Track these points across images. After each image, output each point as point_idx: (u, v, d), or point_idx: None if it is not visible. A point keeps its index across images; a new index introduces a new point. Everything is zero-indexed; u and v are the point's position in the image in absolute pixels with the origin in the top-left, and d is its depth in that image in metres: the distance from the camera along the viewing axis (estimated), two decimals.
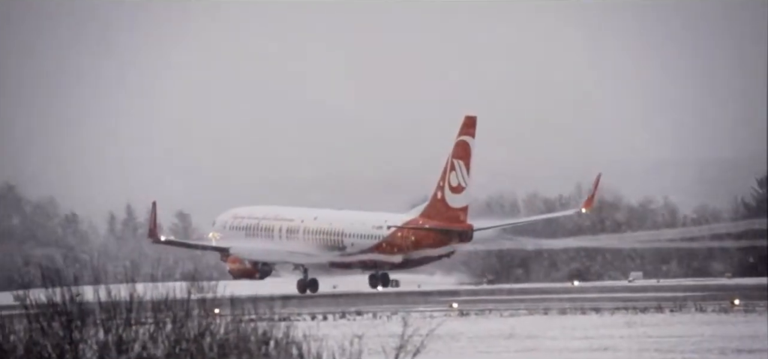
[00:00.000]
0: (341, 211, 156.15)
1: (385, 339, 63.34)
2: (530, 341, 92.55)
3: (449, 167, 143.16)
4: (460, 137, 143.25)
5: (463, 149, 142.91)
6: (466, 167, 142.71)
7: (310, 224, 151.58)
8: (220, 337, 52.57)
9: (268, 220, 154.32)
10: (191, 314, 52.75)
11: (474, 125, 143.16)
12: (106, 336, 52.05)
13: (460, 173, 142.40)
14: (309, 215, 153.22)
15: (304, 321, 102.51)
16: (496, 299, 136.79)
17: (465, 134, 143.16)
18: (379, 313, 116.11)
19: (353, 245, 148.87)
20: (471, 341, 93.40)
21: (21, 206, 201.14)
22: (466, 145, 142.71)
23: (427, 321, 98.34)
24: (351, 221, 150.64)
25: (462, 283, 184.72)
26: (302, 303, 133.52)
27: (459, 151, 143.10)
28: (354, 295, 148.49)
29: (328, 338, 55.91)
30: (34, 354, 51.97)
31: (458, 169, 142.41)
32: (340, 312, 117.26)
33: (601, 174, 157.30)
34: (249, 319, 53.98)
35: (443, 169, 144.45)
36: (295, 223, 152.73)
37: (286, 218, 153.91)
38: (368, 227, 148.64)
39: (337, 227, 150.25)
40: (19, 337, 52.61)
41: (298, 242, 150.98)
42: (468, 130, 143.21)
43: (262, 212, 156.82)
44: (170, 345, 52.03)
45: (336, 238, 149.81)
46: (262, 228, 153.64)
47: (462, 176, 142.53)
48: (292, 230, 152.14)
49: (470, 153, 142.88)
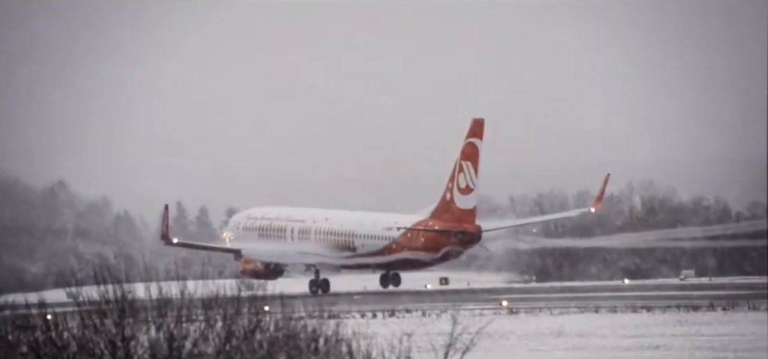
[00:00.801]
0: (352, 212, 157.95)
1: (434, 337, 63.30)
2: (580, 339, 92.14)
3: (458, 169, 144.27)
4: (468, 140, 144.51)
5: (471, 151, 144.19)
6: (474, 168, 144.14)
7: (321, 225, 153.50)
8: (270, 334, 52.77)
9: (281, 221, 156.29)
10: (241, 311, 52.99)
11: (482, 127, 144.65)
12: (158, 333, 52.39)
13: (468, 175, 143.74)
14: (320, 216, 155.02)
15: (354, 319, 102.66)
16: (546, 297, 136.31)
17: (473, 136, 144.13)
18: (429, 311, 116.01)
19: (363, 246, 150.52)
20: (521, 339, 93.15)
21: (74, 204, 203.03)
22: (474, 147, 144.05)
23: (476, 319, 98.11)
24: (361, 223, 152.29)
25: (511, 281, 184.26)
26: (352, 300, 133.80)
27: (467, 153, 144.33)
28: (404, 293, 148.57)
29: (377, 336, 55.94)
30: (87, 350, 52.40)
31: (467, 171, 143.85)
32: (389, 309, 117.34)
33: (610, 174, 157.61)
34: (299, 317, 54.14)
35: (452, 171, 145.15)
36: (306, 224, 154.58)
37: (298, 219, 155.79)
38: (378, 228, 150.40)
39: (347, 228, 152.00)
40: (72, 334, 53.09)
41: (309, 243, 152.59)
42: (476, 132, 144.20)
43: (275, 212, 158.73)
44: (221, 343, 52.30)
45: (347, 239, 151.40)
46: (274, 229, 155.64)
47: (470, 178, 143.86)
48: (303, 231, 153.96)
49: (478, 155, 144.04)
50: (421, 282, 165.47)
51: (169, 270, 58.14)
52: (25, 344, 53.60)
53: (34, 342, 53.15)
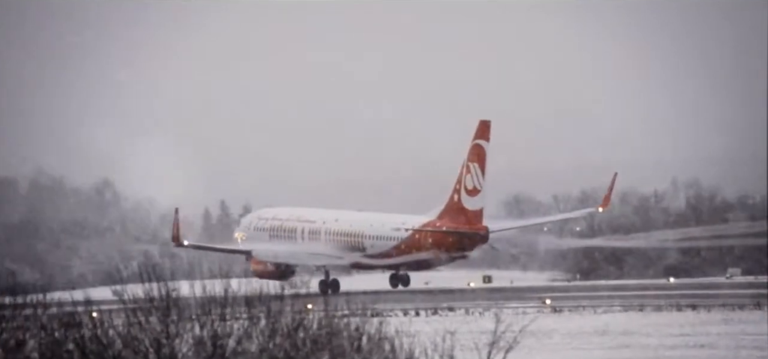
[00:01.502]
0: (361, 213, 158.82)
1: (478, 335, 63.21)
2: (624, 338, 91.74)
3: (465, 171, 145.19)
4: (475, 141, 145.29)
5: (478, 153, 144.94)
6: (481, 170, 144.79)
7: (331, 226, 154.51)
8: (313, 332, 52.90)
9: (291, 221, 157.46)
10: (284, 309, 53.17)
11: (488, 129, 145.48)
12: (202, 331, 52.66)
13: (475, 176, 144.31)
14: (330, 217, 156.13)
15: (396, 317, 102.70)
16: (589, 295, 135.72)
17: (480, 137, 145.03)
18: (472, 309, 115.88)
19: (373, 246, 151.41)
20: (564, 338, 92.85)
21: (120, 203, 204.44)
22: (481, 149, 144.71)
23: (519, 317, 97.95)
24: (371, 223, 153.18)
25: (555, 279, 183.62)
26: (396, 298, 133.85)
27: (474, 154, 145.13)
28: (447, 291, 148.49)
29: (420, 334, 55.97)
30: (132, 348, 52.76)
31: (474, 172, 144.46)
32: (432, 307, 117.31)
33: (617, 173, 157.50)
34: (342, 314, 54.26)
35: (459, 172, 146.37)
36: (316, 224, 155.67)
37: (308, 219, 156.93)
38: (387, 228, 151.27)
39: (357, 228, 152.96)
40: (118, 331, 53.49)
41: (319, 243, 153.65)
42: (483, 134, 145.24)
43: (285, 213, 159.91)
44: (264, 340, 52.49)
45: (356, 239, 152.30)
46: (285, 230, 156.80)
47: (477, 179, 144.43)
48: (314, 232, 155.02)
49: (485, 157, 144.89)
50: (464, 280, 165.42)
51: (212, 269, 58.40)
52: (71, 341, 54.07)
53: (81, 340, 53.60)
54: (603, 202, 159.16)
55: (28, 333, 56.10)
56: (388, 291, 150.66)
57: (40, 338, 55.42)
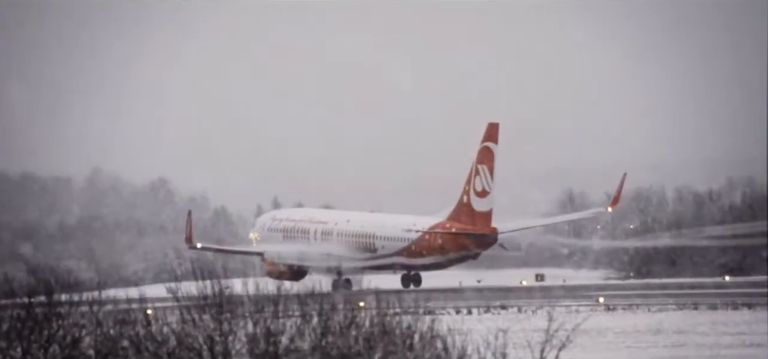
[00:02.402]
0: (372, 214, 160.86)
1: (530, 333, 62.98)
2: (679, 337, 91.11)
3: (474, 172, 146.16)
4: (484, 144, 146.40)
5: (486, 155, 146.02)
6: (490, 172, 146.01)
7: (343, 227, 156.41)
8: (365, 330, 52.99)
9: (304, 222, 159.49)
10: (337, 307, 53.32)
11: (497, 131, 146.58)
12: (255, 328, 52.92)
13: (484, 178, 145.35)
14: (342, 218, 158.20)
15: (449, 315, 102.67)
16: (643, 293, 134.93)
17: (488, 140, 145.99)
18: (524, 308, 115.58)
19: (384, 247, 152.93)
20: (618, 336, 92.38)
21: (173, 200, 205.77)
22: (490, 151, 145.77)
23: (572, 315, 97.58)
24: (382, 224, 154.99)
25: (608, 277, 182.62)
26: (448, 296, 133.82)
27: (483, 157, 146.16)
28: (499, 289, 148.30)
29: (472, 332, 55.87)
30: (186, 345, 53.11)
31: (483, 174, 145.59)
32: (484, 306, 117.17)
33: (626, 174, 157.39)
34: (394, 312, 54.29)
35: (468, 174, 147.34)
36: (329, 225, 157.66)
37: (320, 220, 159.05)
38: (398, 230, 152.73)
39: (368, 229, 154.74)
40: (172, 328, 53.88)
41: (332, 244, 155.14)
42: (491, 136, 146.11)
43: (299, 214, 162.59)
44: (317, 338, 52.64)
45: (368, 240, 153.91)
46: (298, 230, 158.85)
47: (486, 181, 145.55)
48: (326, 233, 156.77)
49: (494, 159, 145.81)
50: (516, 278, 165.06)
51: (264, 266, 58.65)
52: (126, 338, 54.53)
53: (135, 337, 54.05)
54: (612, 202, 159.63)
55: (84, 330, 56.65)
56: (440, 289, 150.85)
57: (96, 335, 55.96)
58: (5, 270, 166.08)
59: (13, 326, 56.20)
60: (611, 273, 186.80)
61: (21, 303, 57.86)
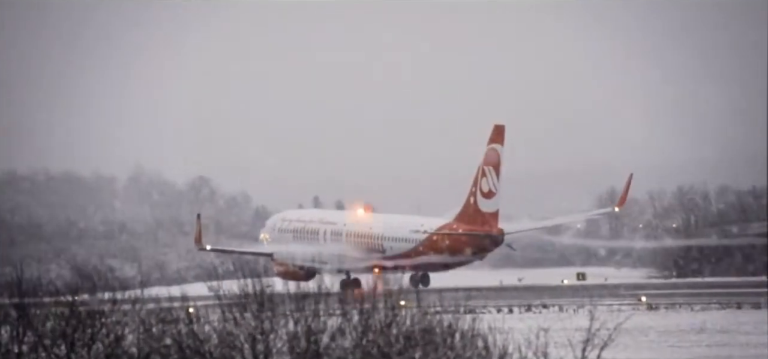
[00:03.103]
0: (381, 215, 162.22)
1: (572, 332, 62.78)
2: (723, 336, 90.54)
3: (480, 174, 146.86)
4: (490, 145, 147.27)
5: (493, 157, 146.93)
6: (496, 173, 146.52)
7: (352, 228, 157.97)
8: (406, 329, 53.00)
9: (314, 223, 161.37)
10: (377, 306, 53.35)
11: (503, 133, 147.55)
12: (296, 327, 53.04)
13: (490, 180, 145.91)
14: (351, 219, 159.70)
15: (490, 314, 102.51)
16: (686, 293, 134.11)
17: (494, 142, 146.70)
18: (566, 306, 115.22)
19: (392, 248, 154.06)
20: (661, 335, 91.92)
21: (215, 199, 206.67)
22: (496, 153, 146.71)
23: (614, 314, 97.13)
24: (390, 225, 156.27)
25: (650, 276, 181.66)
26: (489, 295, 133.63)
27: (489, 158, 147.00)
28: (540, 288, 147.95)
29: (513, 331, 55.74)
30: (227, 343, 53.33)
31: (489, 175, 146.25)
32: (525, 304, 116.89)
33: (633, 174, 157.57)
34: (435, 311, 54.28)
35: (475, 175, 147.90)
36: (338, 226, 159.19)
37: (330, 221, 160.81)
38: (406, 231, 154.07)
39: (377, 230, 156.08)
40: (213, 327, 54.12)
41: (341, 244, 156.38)
42: (497, 138, 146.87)
43: (308, 215, 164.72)
44: (358, 337, 52.71)
45: (376, 241, 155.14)
46: (308, 231, 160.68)
47: (493, 183, 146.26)
48: (335, 233, 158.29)
49: (500, 160, 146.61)
50: (557, 277, 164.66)
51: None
52: (168, 336, 54.82)
53: (177, 335, 54.33)
54: (619, 202, 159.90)
55: (127, 328, 57.00)
56: (481, 288, 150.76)
57: (139, 333, 56.29)
58: (49, 268, 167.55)
59: (57, 324, 56.65)
60: (653, 271, 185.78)
61: (65, 302, 58.32)
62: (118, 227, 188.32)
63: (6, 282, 60.60)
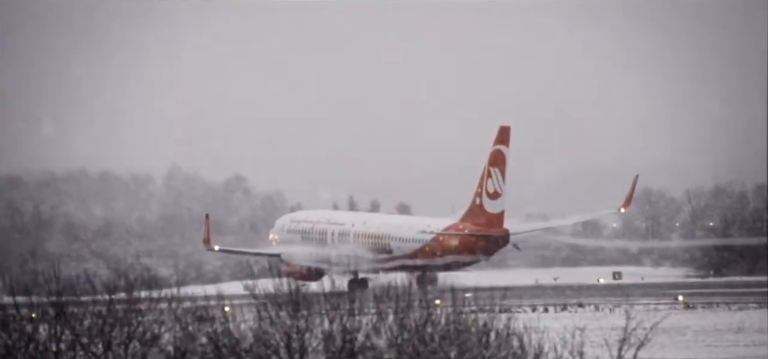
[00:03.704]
0: (388, 216, 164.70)
1: (608, 332, 62.54)
2: (760, 335, 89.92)
3: (486, 175, 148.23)
4: (496, 147, 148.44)
5: (498, 158, 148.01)
6: (501, 174, 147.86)
7: (359, 229, 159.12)
8: (441, 328, 52.97)
9: (322, 224, 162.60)
10: (413, 304, 53.34)
11: (508, 134, 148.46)
12: (331, 326, 53.13)
13: (496, 181, 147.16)
14: (359, 220, 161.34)
15: (525, 313, 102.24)
16: (723, 292, 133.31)
17: (500, 143, 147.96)
18: (602, 306, 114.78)
19: (399, 248, 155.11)
20: (698, 335, 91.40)
21: (250, 198, 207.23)
22: (501, 154, 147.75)
23: (651, 314, 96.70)
24: (397, 226, 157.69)
25: (688, 276, 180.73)
26: (524, 294, 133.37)
27: (495, 159, 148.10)
28: (576, 287, 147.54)
29: (549, 330, 55.59)
30: (263, 342, 53.49)
31: (494, 176, 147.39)
32: (561, 304, 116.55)
33: (638, 176, 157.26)
34: (470, 310, 54.21)
35: (480, 176, 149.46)
36: (346, 227, 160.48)
37: (338, 222, 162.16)
38: (413, 231, 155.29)
39: (384, 231, 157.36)
40: (249, 325, 54.29)
41: (348, 245, 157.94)
42: (503, 139, 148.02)
43: (316, 216, 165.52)
44: (392, 336, 52.73)
45: (383, 242, 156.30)
46: (316, 232, 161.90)
47: (498, 183, 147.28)
48: (343, 234, 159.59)
49: (505, 161, 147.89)
50: (593, 276, 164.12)
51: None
52: (204, 334, 55.04)
53: (213, 333, 54.55)
54: (624, 203, 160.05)
55: (164, 326, 57.29)
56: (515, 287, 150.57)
57: (175, 331, 56.55)
58: (86, 266, 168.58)
59: (94, 322, 57.00)
60: (690, 271, 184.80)
61: (102, 300, 58.67)
62: (155, 227, 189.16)
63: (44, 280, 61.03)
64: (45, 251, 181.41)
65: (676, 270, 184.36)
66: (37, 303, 58.24)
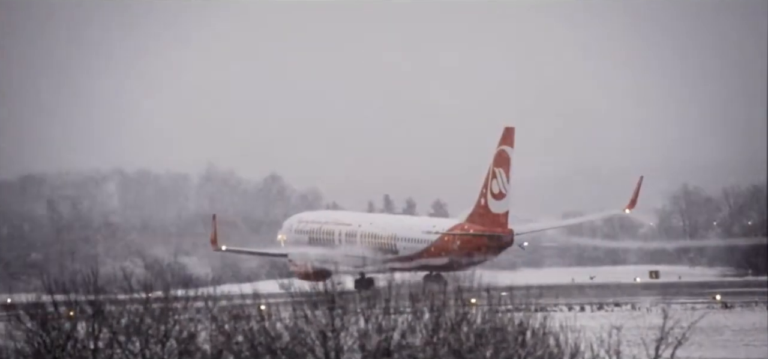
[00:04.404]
0: (394, 216, 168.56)
1: (645, 331, 62.25)
2: None
3: (491, 175, 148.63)
4: (500, 147, 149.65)
5: (503, 159, 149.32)
6: (506, 175, 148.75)
7: (366, 229, 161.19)
8: (476, 327, 52.90)
9: (329, 224, 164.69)
10: (448, 303, 53.31)
11: (512, 135, 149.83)
12: (366, 324, 53.17)
13: (500, 181, 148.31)
14: (365, 220, 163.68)
15: (561, 312, 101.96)
16: (762, 291, 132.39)
17: (504, 144, 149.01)
18: (638, 304, 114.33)
19: (405, 248, 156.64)
20: (736, 334, 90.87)
21: (285, 196, 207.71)
22: (506, 154, 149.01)
23: (688, 313, 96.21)
24: (403, 226, 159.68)
25: (725, 275, 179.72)
26: (560, 293, 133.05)
27: (499, 160, 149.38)
28: (612, 286, 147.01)
29: (585, 329, 55.40)
30: (299, 340, 53.59)
31: (499, 177, 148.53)
32: (597, 303, 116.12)
33: (643, 177, 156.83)
34: (505, 309, 54.11)
35: (485, 177, 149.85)
36: (352, 228, 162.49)
37: (345, 222, 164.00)
38: (418, 232, 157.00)
39: (390, 231, 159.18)
40: (285, 324, 54.41)
41: (355, 246, 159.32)
42: (507, 140, 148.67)
43: (324, 216, 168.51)
44: (428, 334, 52.71)
45: (389, 242, 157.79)
46: (323, 232, 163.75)
47: (502, 184, 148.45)
48: (350, 235, 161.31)
49: (510, 162, 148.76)
50: (630, 275, 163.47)
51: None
52: (240, 333, 55.22)
53: (249, 332, 54.71)
54: (629, 204, 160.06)
55: (200, 324, 57.52)
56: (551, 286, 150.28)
57: (211, 330, 56.76)
58: (123, 265, 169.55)
59: (131, 321, 57.32)
60: (728, 270, 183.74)
61: (139, 299, 59.01)
62: (191, 225, 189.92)
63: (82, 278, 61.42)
64: (83, 249, 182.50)
65: (713, 269, 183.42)
66: (75, 302, 58.64)
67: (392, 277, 55.01)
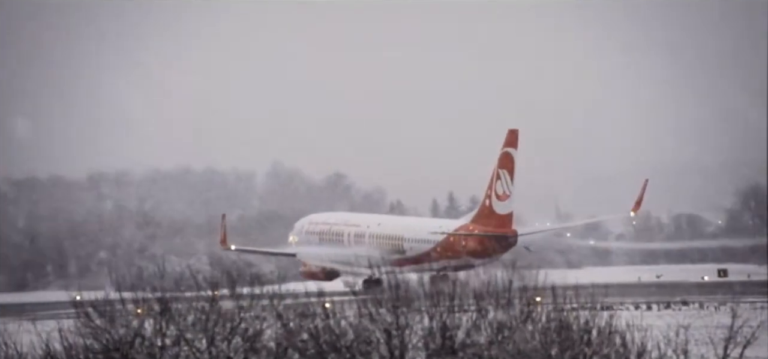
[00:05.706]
0: (402, 217, 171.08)
1: (713, 330, 61.59)
2: None
3: (495, 177, 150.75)
4: (505, 149, 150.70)
5: (507, 160, 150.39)
6: (510, 176, 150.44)
7: (374, 230, 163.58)
8: (542, 325, 52.68)
9: (339, 225, 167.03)
10: (513, 302, 53.14)
11: (516, 137, 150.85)
12: (431, 323, 53.14)
13: (504, 183, 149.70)
14: (374, 221, 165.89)
15: (628, 311, 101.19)
16: None
17: (508, 145, 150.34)
18: (706, 303, 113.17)
19: (412, 249, 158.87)
20: None
21: (350, 194, 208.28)
22: (510, 156, 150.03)
23: (757, 312, 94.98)
24: (410, 227, 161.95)
25: None
26: (625, 292, 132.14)
27: (504, 162, 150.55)
28: (680, 285, 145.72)
29: (652, 328, 54.95)
30: (363, 338, 53.69)
31: (503, 178, 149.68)
32: (664, 302, 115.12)
33: (648, 180, 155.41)
34: (571, 307, 53.82)
35: (490, 178, 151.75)
36: (361, 228, 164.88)
37: (353, 223, 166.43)
38: (425, 232, 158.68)
39: (397, 232, 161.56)
40: (349, 322, 54.54)
41: (364, 246, 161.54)
42: (511, 142, 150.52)
43: (334, 218, 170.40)
44: (493, 333, 52.56)
45: (397, 242, 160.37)
46: (333, 233, 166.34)
47: (507, 185, 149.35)
48: (359, 235, 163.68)
49: (514, 164, 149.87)
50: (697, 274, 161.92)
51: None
52: (305, 331, 55.43)
53: (314, 329, 54.90)
54: (634, 206, 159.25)
55: (266, 322, 57.81)
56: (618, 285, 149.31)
57: (277, 328, 57.03)
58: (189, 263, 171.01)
59: (198, 318, 57.75)
60: None
61: (205, 296, 59.42)
62: (256, 223, 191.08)
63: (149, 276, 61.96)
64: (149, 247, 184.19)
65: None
66: (142, 299, 59.20)
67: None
